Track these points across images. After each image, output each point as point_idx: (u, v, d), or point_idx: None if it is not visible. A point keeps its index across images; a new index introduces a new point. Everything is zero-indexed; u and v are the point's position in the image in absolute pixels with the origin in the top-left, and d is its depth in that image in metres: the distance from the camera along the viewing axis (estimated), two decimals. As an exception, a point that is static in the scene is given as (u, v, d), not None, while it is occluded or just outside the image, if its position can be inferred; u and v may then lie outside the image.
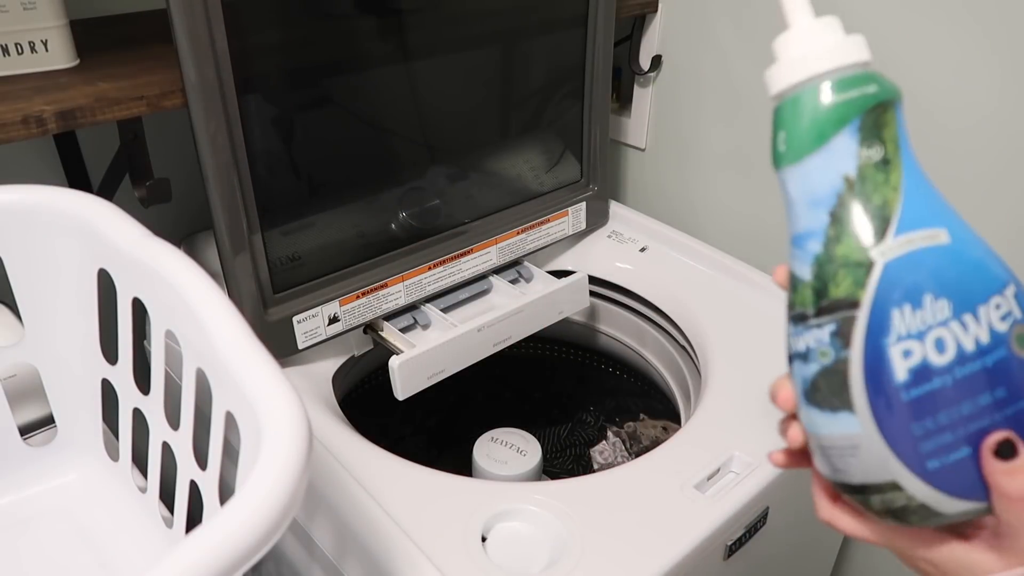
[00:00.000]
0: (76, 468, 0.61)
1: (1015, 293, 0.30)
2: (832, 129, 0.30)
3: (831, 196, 0.30)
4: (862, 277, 0.29)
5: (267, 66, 0.62)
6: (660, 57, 0.93)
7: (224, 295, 0.45)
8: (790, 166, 0.31)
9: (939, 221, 0.30)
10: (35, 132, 0.55)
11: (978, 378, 0.29)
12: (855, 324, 0.29)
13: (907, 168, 0.30)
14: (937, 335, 0.29)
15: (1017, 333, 0.29)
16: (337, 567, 0.56)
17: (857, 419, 0.30)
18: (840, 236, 0.30)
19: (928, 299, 0.29)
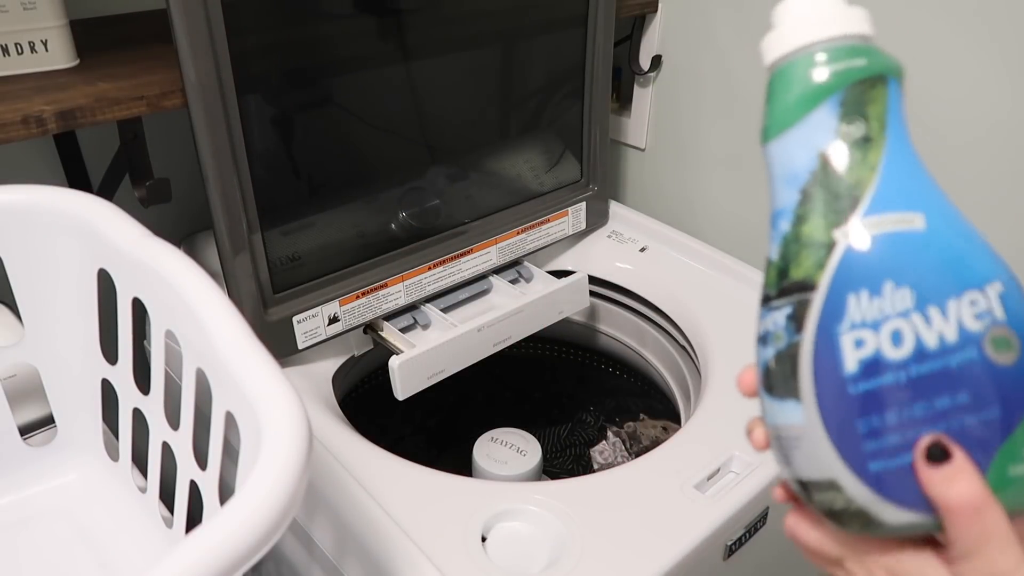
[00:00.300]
0: (76, 468, 0.61)
1: (1001, 293, 0.27)
2: (811, 103, 0.29)
3: (805, 173, 0.29)
4: (822, 258, 0.28)
5: (267, 66, 0.62)
6: (660, 57, 0.93)
7: (224, 295, 0.45)
8: (771, 141, 0.30)
9: (917, 206, 0.28)
10: (35, 132, 0.55)
11: (937, 379, 0.26)
12: (809, 307, 0.28)
13: (892, 148, 0.28)
14: (894, 327, 0.26)
15: (993, 336, 0.26)
16: (337, 567, 0.56)
17: (802, 408, 0.28)
18: (807, 215, 0.28)
19: (888, 286, 0.27)
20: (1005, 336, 0.26)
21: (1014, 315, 0.27)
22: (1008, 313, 0.27)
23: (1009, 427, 0.26)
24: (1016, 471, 0.26)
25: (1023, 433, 0.26)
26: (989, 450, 0.26)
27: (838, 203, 0.28)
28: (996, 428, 0.26)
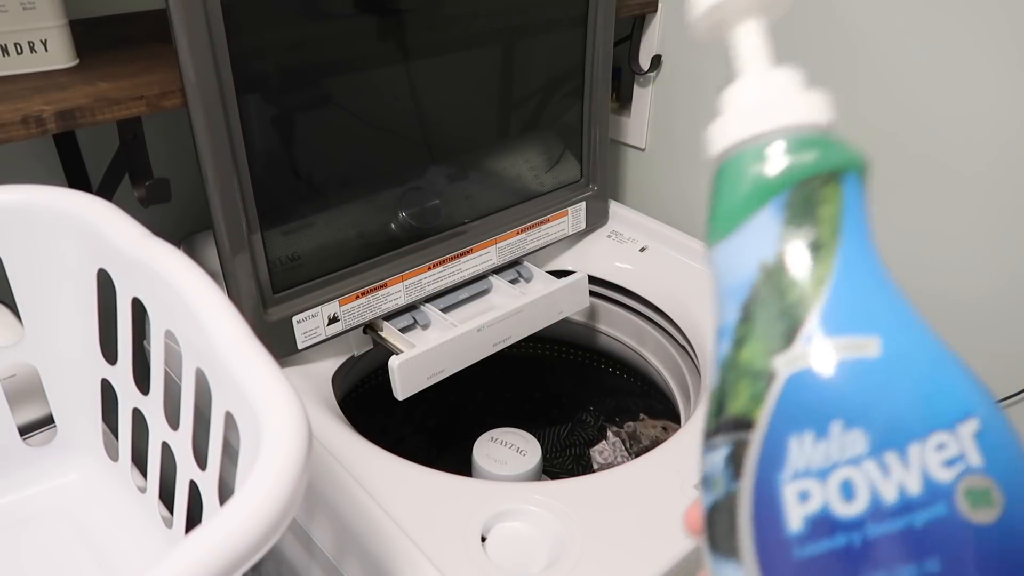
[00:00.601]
0: (76, 468, 0.61)
1: (977, 431, 0.22)
2: (753, 205, 0.25)
3: (745, 287, 0.24)
4: (761, 391, 0.23)
5: (267, 66, 0.62)
6: (660, 57, 0.93)
7: (224, 295, 0.45)
8: (713, 246, 0.26)
9: (873, 327, 0.23)
10: (35, 132, 0.55)
11: (899, 541, 0.21)
12: (747, 450, 0.23)
13: (845, 257, 0.24)
14: (844, 476, 0.21)
15: (968, 487, 0.21)
16: (337, 567, 0.56)
17: (743, 572, 0.23)
18: (746, 337, 0.24)
19: (836, 427, 0.22)
20: (983, 487, 0.21)
21: (995, 459, 0.22)
22: (987, 457, 0.22)
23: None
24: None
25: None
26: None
27: (780, 324, 0.23)
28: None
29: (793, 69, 0.27)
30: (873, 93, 0.76)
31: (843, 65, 0.77)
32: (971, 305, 0.77)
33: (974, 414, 0.22)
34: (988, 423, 0.22)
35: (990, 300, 0.75)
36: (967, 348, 0.80)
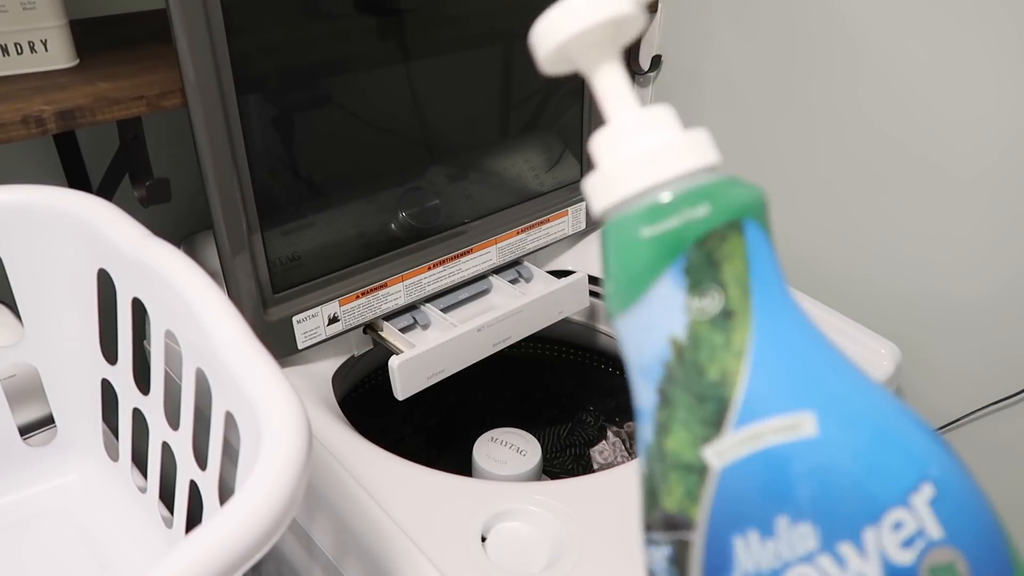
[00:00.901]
0: (76, 468, 0.61)
1: (932, 499, 0.20)
2: (648, 274, 0.21)
3: (657, 366, 0.21)
4: (695, 487, 0.20)
5: (267, 66, 0.62)
6: (660, 57, 0.93)
7: (224, 295, 0.45)
8: (617, 316, 0.23)
9: (805, 400, 0.20)
10: (35, 132, 0.55)
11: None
12: (690, 552, 0.21)
13: (762, 321, 0.21)
14: (800, 575, 0.19)
15: (931, 564, 0.19)
16: (337, 567, 0.56)
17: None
18: (669, 425, 0.21)
19: (782, 523, 0.20)
20: (948, 560, 0.20)
21: (955, 526, 0.20)
22: (946, 526, 0.20)
23: None
24: None
25: None
26: None
27: (703, 410, 0.21)
28: None
29: (663, 107, 0.23)
30: (875, 95, 0.76)
31: (845, 67, 0.77)
32: (972, 306, 0.77)
33: (927, 478, 0.20)
34: (943, 485, 0.20)
35: (991, 301, 0.75)
36: (967, 348, 0.81)
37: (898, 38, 0.73)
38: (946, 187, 0.75)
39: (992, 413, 0.80)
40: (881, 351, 0.75)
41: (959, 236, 0.75)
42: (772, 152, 0.86)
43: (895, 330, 0.81)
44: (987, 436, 0.81)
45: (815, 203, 0.85)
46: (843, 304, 0.84)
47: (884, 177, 0.79)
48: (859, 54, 0.76)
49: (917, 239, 0.78)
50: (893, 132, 0.76)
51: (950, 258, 0.77)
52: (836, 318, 0.78)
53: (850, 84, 0.77)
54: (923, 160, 0.75)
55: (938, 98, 0.72)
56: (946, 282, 0.78)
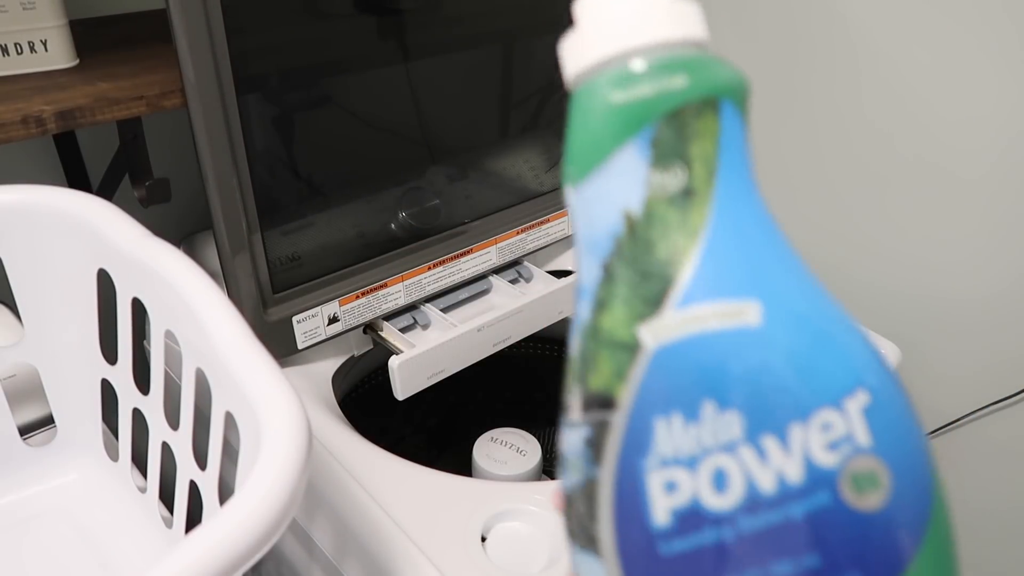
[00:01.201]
0: (76, 468, 0.61)
1: (866, 406, 0.19)
2: (613, 141, 0.21)
3: (607, 240, 0.21)
4: (625, 366, 0.20)
5: (267, 66, 0.62)
6: (660, 57, 0.93)
7: (224, 295, 0.45)
8: (571, 187, 0.22)
9: (752, 289, 0.20)
10: (35, 132, 0.55)
11: (776, 535, 0.19)
12: (609, 432, 0.20)
13: (723, 205, 0.20)
14: (718, 464, 0.19)
15: (854, 472, 0.19)
16: (337, 567, 0.56)
17: (603, 567, 0.20)
18: (608, 301, 0.20)
19: (709, 409, 0.19)
20: (870, 470, 0.19)
21: (884, 438, 0.19)
22: (875, 436, 0.19)
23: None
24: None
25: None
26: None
27: (646, 287, 0.20)
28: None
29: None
30: (875, 96, 0.76)
31: (845, 68, 0.77)
32: (972, 306, 0.77)
33: (864, 386, 0.20)
34: (878, 395, 0.20)
35: (991, 301, 0.75)
36: (968, 348, 0.81)
37: (898, 38, 0.73)
38: (947, 187, 0.75)
39: (992, 413, 0.80)
40: (881, 351, 0.75)
41: (959, 236, 0.75)
42: (772, 152, 0.86)
43: (895, 330, 0.81)
44: (987, 436, 0.81)
45: (815, 203, 0.85)
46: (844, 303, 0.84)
47: (885, 177, 0.79)
48: (859, 54, 0.76)
49: (917, 239, 0.78)
50: (894, 132, 0.76)
51: (950, 258, 0.77)
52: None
53: (850, 84, 0.77)
54: (924, 160, 0.75)
55: (939, 98, 0.72)
56: (946, 282, 0.78)
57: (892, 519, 0.19)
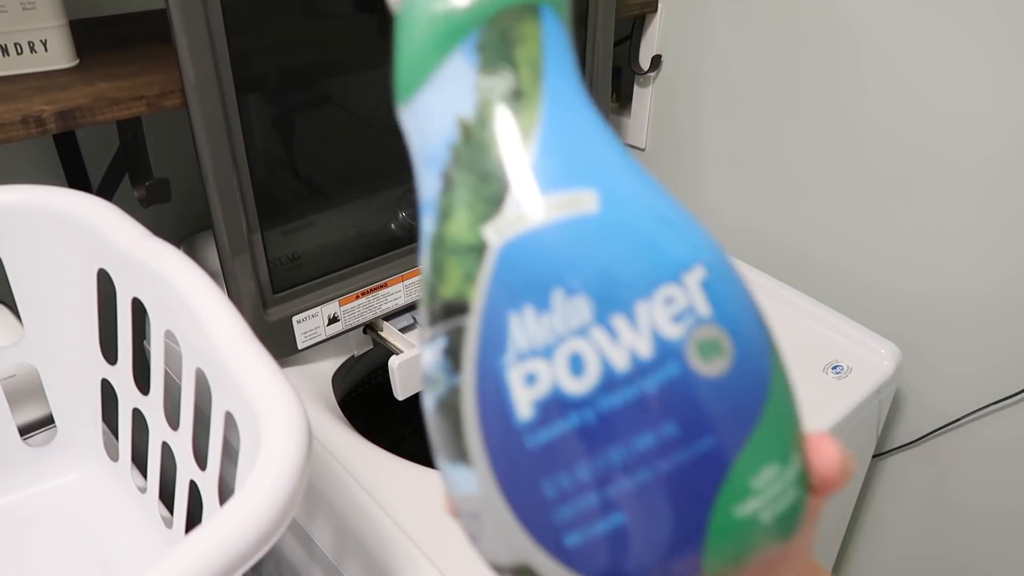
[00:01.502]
0: (76, 468, 0.61)
1: (704, 280, 0.20)
2: (440, 49, 0.21)
3: (443, 149, 0.21)
4: (473, 268, 0.20)
5: (267, 66, 0.62)
6: (660, 57, 0.93)
7: (224, 295, 0.45)
8: (402, 105, 0.22)
9: (588, 179, 0.21)
10: (35, 132, 0.55)
11: (635, 410, 0.20)
12: (465, 337, 0.20)
13: (552, 104, 0.21)
14: (573, 349, 0.20)
15: (699, 339, 0.20)
16: (337, 567, 0.56)
17: (475, 475, 0.21)
18: (451, 209, 0.21)
19: (558, 296, 0.20)
20: (713, 337, 0.20)
21: (722, 307, 0.21)
22: (714, 305, 0.20)
23: (731, 455, 0.20)
24: (745, 510, 0.20)
25: (748, 461, 0.20)
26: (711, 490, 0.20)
27: (486, 188, 0.21)
28: (716, 461, 0.20)
29: None
30: (876, 95, 0.76)
31: (845, 67, 0.77)
32: (973, 306, 0.77)
33: (700, 261, 0.21)
34: (714, 269, 0.21)
35: (992, 301, 0.75)
36: (968, 348, 0.80)
37: (898, 37, 0.73)
38: (948, 187, 0.75)
39: (992, 413, 0.80)
40: (881, 351, 0.75)
41: (961, 236, 0.75)
42: (772, 151, 0.86)
43: (896, 329, 0.81)
44: (987, 436, 0.81)
45: (816, 202, 0.85)
46: (844, 303, 0.84)
47: (886, 176, 0.79)
48: (860, 54, 0.76)
49: (919, 238, 0.78)
50: (895, 131, 0.76)
51: (952, 258, 0.77)
52: (836, 318, 0.78)
53: (851, 83, 0.77)
54: (925, 159, 0.75)
55: (941, 97, 0.72)
56: (948, 282, 0.78)
57: (738, 382, 0.20)
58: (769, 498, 0.21)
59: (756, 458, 0.20)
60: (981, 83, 0.69)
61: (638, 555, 0.20)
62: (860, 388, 0.71)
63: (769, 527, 0.21)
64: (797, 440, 0.22)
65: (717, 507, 0.20)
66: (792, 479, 0.21)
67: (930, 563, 0.92)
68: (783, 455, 0.21)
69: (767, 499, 0.21)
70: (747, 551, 0.21)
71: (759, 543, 0.21)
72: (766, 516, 0.21)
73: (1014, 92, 0.67)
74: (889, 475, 0.92)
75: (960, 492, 0.86)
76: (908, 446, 0.88)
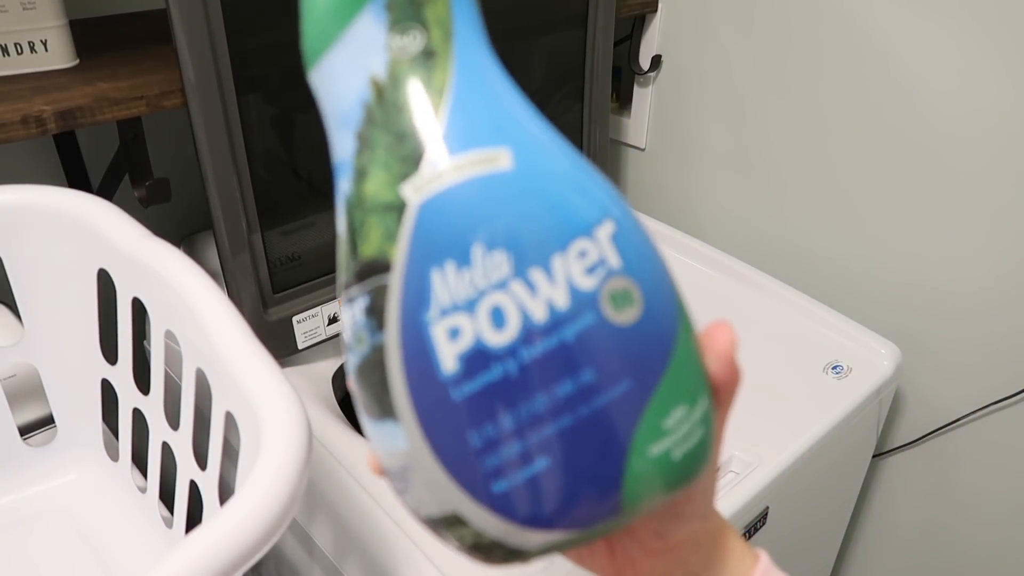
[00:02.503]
0: (76, 468, 0.61)
1: (613, 234, 0.21)
2: (350, 8, 0.21)
3: (357, 109, 0.22)
4: (393, 226, 0.21)
5: (267, 66, 0.62)
6: (660, 57, 0.93)
7: (224, 295, 0.45)
8: (312, 68, 0.23)
9: (502, 137, 0.21)
10: (35, 132, 0.55)
11: (554, 360, 0.20)
12: (388, 295, 0.21)
13: (463, 63, 0.22)
14: (493, 303, 0.20)
15: (611, 291, 0.21)
16: (337, 567, 0.56)
17: (403, 429, 0.21)
18: (368, 168, 0.21)
19: (478, 251, 0.20)
20: (624, 288, 0.21)
21: (632, 259, 0.22)
22: (624, 258, 0.21)
23: (645, 398, 0.21)
24: (658, 449, 0.22)
25: (659, 403, 0.21)
26: (627, 431, 0.21)
27: (403, 147, 0.21)
28: (631, 404, 0.21)
29: None
30: (877, 93, 0.76)
31: (845, 66, 0.77)
32: (974, 305, 0.77)
33: (610, 216, 0.22)
34: (622, 224, 0.22)
35: (992, 300, 0.75)
36: (969, 347, 0.80)
37: (898, 36, 0.73)
38: (950, 186, 0.75)
39: (992, 413, 0.80)
40: (881, 351, 0.75)
41: (962, 235, 0.75)
42: (772, 151, 0.86)
43: (897, 329, 0.81)
44: (987, 436, 0.81)
45: (816, 201, 0.85)
46: (845, 303, 0.84)
47: (887, 175, 0.79)
48: (860, 52, 0.76)
49: (919, 238, 0.78)
50: (896, 130, 0.76)
51: (953, 258, 0.77)
52: (836, 318, 0.78)
53: (851, 83, 0.77)
54: (927, 159, 0.75)
55: (941, 98, 0.72)
56: (949, 282, 0.78)
57: (648, 329, 0.21)
58: (679, 437, 0.22)
59: (667, 400, 0.22)
60: (981, 82, 0.69)
61: (562, 497, 0.21)
62: (860, 388, 0.71)
63: (680, 464, 0.22)
64: (703, 382, 0.23)
65: (633, 448, 0.21)
66: (699, 418, 0.22)
67: (930, 563, 0.92)
68: (691, 396, 0.22)
69: (678, 438, 0.22)
70: (661, 488, 0.22)
71: (672, 480, 0.22)
72: (677, 454, 0.22)
73: (1016, 91, 0.67)
74: (889, 475, 0.92)
75: (960, 492, 0.86)
76: (908, 446, 0.88)
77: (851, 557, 1.00)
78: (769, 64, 0.83)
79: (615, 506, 0.22)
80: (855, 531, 0.98)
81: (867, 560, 0.99)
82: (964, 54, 0.69)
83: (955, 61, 0.70)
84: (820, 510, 0.80)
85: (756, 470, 0.60)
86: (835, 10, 0.76)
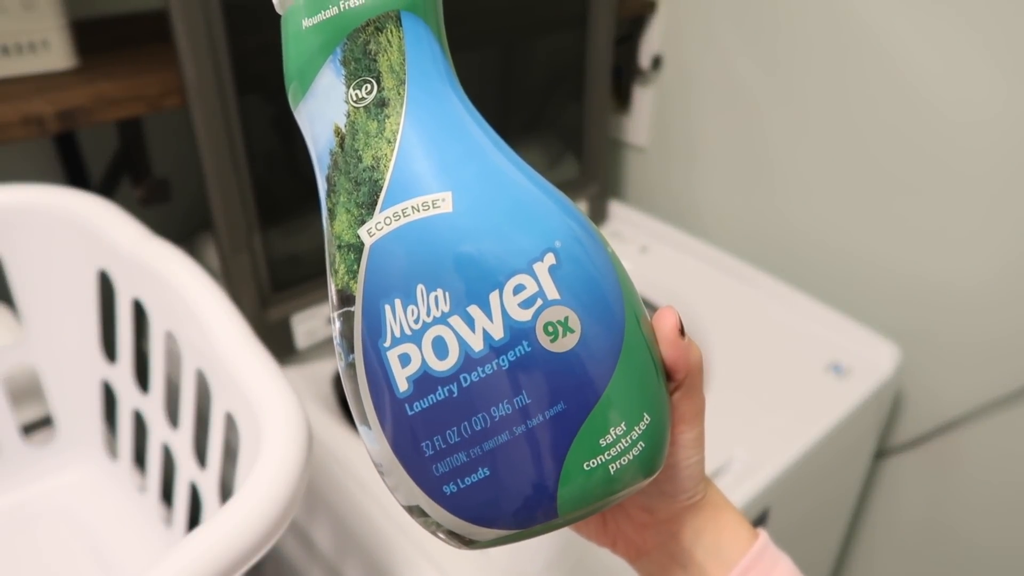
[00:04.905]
0: (76, 468, 0.61)
1: (552, 266, 0.23)
2: (314, 64, 0.24)
3: (326, 155, 0.24)
4: (354, 264, 0.24)
5: (267, 66, 0.62)
6: (660, 57, 0.93)
7: (224, 295, 0.45)
8: (295, 111, 0.25)
9: (445, 182, 0.23)
10: (35, 132, 0.55)
11: (492, 384, 0.23)
12: (354, 323, 0.24)
13: (414, 110, 0.23)
14: (436, 335, 0.23)
15: (546, 322, 0.23)
16: (337, 567, 0.56)
17: (374, 435, 0.25)
18: (335, 210, 0.24)
19: (420, 290, 0.23)
20: (561, 318, 0.23)
21: (571, 289, 0.23)
22: (563, 288, 0.23)
23: (580, 419, 0.23)
24: (593, 464, 0.24)
25: (595, 422, 0.24)
26: (561, 449, 0.23)
27: (359, 193, 0.23)
28: (565, 425, 0.23)
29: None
30: (877, 92, 0.76)
31: (845, 64, 0.77)
32: (974, 306, 0.77)
33: (549, 249, 0.23)
34: (565, 251, 0.23)
35: (993, 300, 0.75)
36: (969, 347, 0.80)
37: (898, 36, 0.73)
38: (951, 186, 0.75)
39: (993, 413, 0.80)
40: (881, 351, 0.75)
41: (962, 234, 0.75)
42: (772, 151, 0.86)
43: (897, 330, 0.81)
44: (988, 436, 0.81)
45: (816, 201, 0.85)
46: (845, 302, 0.84)
47: (888, 174, 0.79)
48: (860, 51, 0.76)
49: (920, 237, 0.78)
50: (896, 130, 0.76)
51: (953, 257, 0.77)
52: (836, 317, 0.78)
53: (851, 82, 0.77)
54: (928, 158, 0.75)
55: (943, 97, 0.72)
56: (949, 281, 0.78)
57: (587, 354, 0.23)
58: (617, 452, 0.24)
59: (603, 419, 0.24)
60: (980, 76, 0.69)
61: (503, 502, 0.24)
62: (860, 388, 0.71)
63: (617, 477, 0.24)
64: (652, 397, 0.25)
65: (567, 463, 0.24)
66: (641, 434, 0.24)
67: (931, 563, 0.92)
68: (633, 413, 0.24)
69: (615, 453, 0.24)
70: (598, 497, 0.24)
71: (610, 490, 0.24)
72: (614, 468, 0.24)
73: (1015, 86, 0.67)
74: (889, 475, 0.92)
75: (961, 492, 0.86)
76: (908, 446, 0.88)
77: (852, 557, 1.00)
78: (769, 63, 0.83)
79: (551, 512, 0.24)
80: (855, 531, 0.98)
81: (868, 560, 0.99)
82: (963, 48, 0.69)
83: (954, 56, 0.70)
84: (821, 510, 0.80)
85: (756, 470, 0.60)
86: (835, 9, 0.76)
